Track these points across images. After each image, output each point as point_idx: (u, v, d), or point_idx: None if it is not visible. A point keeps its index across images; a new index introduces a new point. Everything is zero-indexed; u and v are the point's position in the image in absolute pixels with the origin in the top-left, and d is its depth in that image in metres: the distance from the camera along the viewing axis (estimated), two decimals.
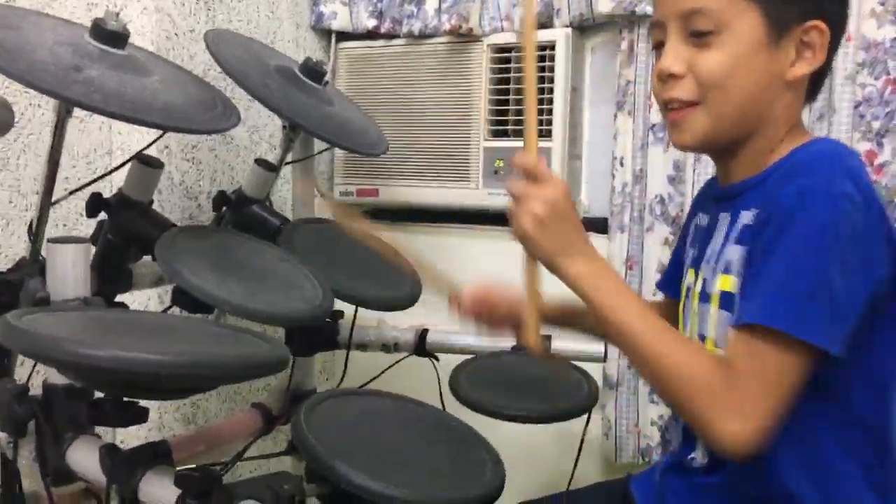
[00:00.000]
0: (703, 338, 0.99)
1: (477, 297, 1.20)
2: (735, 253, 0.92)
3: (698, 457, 1.00)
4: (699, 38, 0.92)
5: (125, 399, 1.01)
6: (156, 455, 0.96)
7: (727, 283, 0.93)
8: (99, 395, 1.08)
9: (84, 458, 1.05)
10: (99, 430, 1.16)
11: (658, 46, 0.98)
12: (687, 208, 1.70)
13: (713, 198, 1.06)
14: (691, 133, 0.96)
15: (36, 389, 1.13)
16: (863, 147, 1.55)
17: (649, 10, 1.69)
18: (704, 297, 0.98)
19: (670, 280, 1.19)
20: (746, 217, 0.92)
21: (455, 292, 1.20)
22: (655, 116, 1.74)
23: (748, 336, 0.83)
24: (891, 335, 0.90)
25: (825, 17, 0.92)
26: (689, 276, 1.05)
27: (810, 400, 0.86)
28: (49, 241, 1.15)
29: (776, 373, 0.82)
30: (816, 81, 0.98)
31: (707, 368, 0.85)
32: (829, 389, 0.88)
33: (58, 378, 1.08)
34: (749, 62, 0.91)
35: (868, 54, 1.53)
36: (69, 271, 1.11)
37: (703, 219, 1.07)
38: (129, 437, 1.61)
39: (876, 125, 1.54)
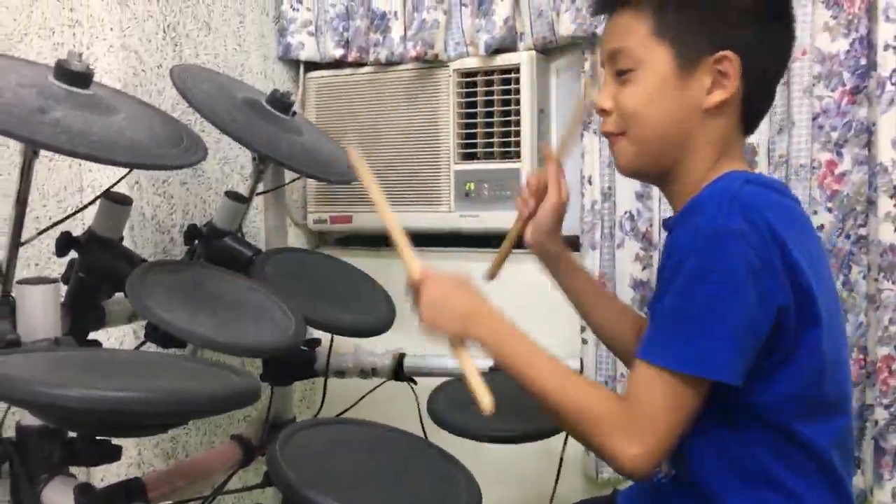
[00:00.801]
0: None
1: (538, 185, 1.24)
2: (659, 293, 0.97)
3: (663, 469, 1.02)
4: (622, 75, 1.00)
5: (98, 437, 1.01)
6: (129, 493, 0.97)
7: None
8: (73, 434, 1.08)
9: (59, 498, 1.04)
10: (79, 469, 1.16)
11: None
12: (656, 224, 1.73)
13: (664, 228, 1.09)
14: (624, 160, 1.04)
15: (11, 431, 1.13)
16: (823, 157, 1.58)
17: None
18: None
19: None
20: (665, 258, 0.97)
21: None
22: None
23: (642, 369, 0.91)
24: (812, 360, 0.92)
25: (735, 48, 0.95)
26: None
27: (751, 427, 0.92)
28: (18, 282, 1.15)
29: (665, 401, 0.89)
30: (750, 114, 1.01)
31: (604, 400, 0.93)
32: (762, 415, 0.92)
33: (31, 419, 1.08)
34: (662, 94, 0.97)
35: (823, 67, 1.57)
36: (39, 312, 1.11)
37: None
38: (110, 475, 1.60)
39: (834, 135, 1.57)
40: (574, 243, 1.88)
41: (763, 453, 0.93)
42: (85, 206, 1.39)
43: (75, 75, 1.19)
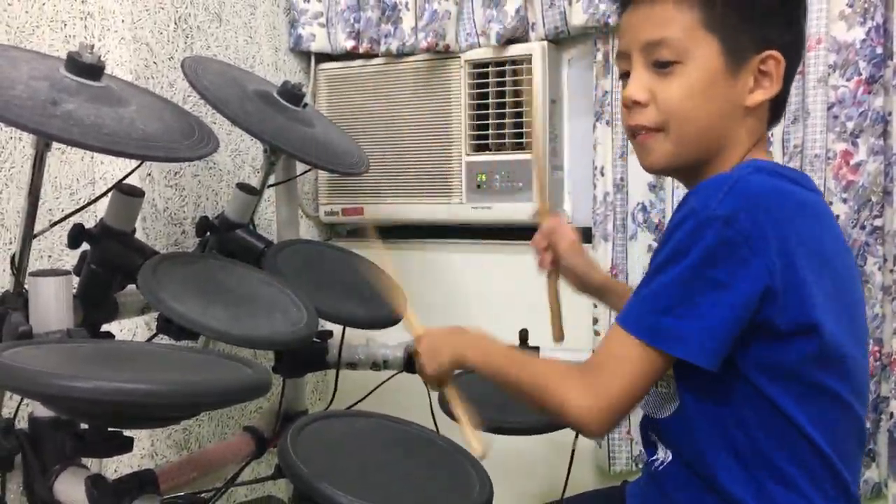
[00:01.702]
0: None
1: (550, 228, 1.29)
2: None
3: (661, 456, 1.02)
4: (661, 67, 0.96)
5: (110, 429, 1.01)
6: (141, 484, 0.96)
7: None
8: (85, 426, 1.09)
9: (71, 489, 1.05)
10: (91, 460, 1.17)
11: (624, 76, 1.02)
12: (668, 215, 1.72)
13: None
14: (657, 156, 1.00)
15: (24, 423, 1.14)
16: (838, 147, 1.56)
17: None
18: None
19: None
20: None
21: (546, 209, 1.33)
22: None
23: (616, 333, 0.93)
24: (810, 348, 0.91)
25: (779, 47, 0.95)
26: None
27: (750, 408, 0.92)
28: (31, 274, 1.15)
29: (632, 367, 0.91)
30: (776, 107, 1.01)
31: (563, 365, 0.98)
32: (766, 403, 0.91)
33: (44, 411, 1.09)
34: (709, 91, 0.95)
35: (839, 56, 1.55)
36: (51, 304, 1.12)
37: None
38: (123, 466, 1.61)
39: (850, 125, 1.56)
40: (586, 235, 1.87)
41: (762, 438, 0.92)
42: (97, 198, 1.40)
43: (87, 67, 1.19)
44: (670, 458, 1.00)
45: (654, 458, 1.03)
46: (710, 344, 0.88)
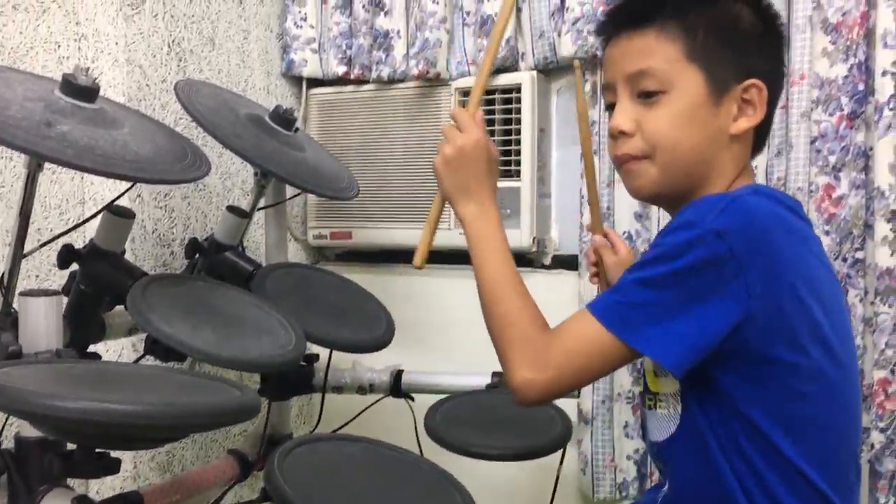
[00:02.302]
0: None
1: (599, 244, 1.31)
2: None
3: (665, 488, 1.03)
4: (646, 97, 0.98)
5: (97, 450, 1.01)
6: None
7: None
8: (71, 446, 1.08)
9: None
10: (74, 481, 1.16)
11: (610, 107, 1.04)
12: None
13: None
14: (643, 182, 1.01)
15: (10, 442, 1.13)
16: (821, 181, 1.59)
17: None
18: None
19: None
20: None
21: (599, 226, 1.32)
22: None
23: (583, 315, 0.94)
24: (793, 381, 0.92)
25: (761, 76, 0.97)
26: None
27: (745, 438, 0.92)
28: (21, 294, 1.15)
29: (588, 348, 0.92)
30: (760, 136, 1.03)
31: (530, 321, 0.96)
32: (760, 431, 0.92)
33: (30, 431, 1.08)
34: (693, 119, 0.97)
35: (822, 91, 1.58)
36: (41, 324, 1.12)
37: None
38: (105, 488, 1.60)
39: (832, 160, 1.59)
40: (573, 263, 1.89)
41: (761, 469, 0.92)
42: (88, 219, 1.40)
43: (82, 89, 1.20)
44: (666, 487, 1.01)
45: (663, 488, 1.04)
46: (676, 347, 0.89)
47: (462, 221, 1.06)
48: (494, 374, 1.60)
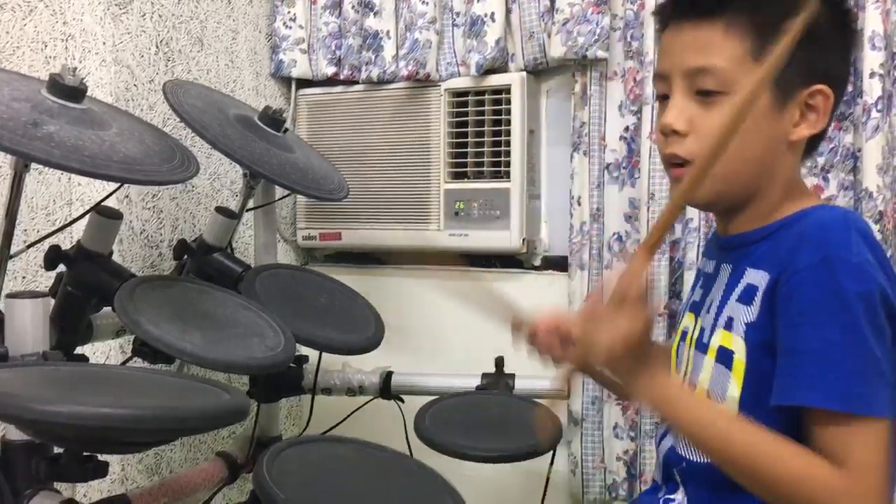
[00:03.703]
0: (693, 385, 0.97)
1: (549, 327, 1.10)
2: (739, 312, 0.92)
3: (679, 498, 0.99)
4: (705, 96, 0.91)
5: (84, 453, 1.00)
6: None
7: (727, 340, 0.92)
8: (59, 450, 1.08)
9: None
10: (61, 485, 1.15)
11: (662, 98, 0.97)
12: None
13: (719, 246, 1.04)
14: (700, 190, 0.90)
15: None
16: (810, 182, 1.60)
17: (600, 54, 1.75)
18: (701, 346, 0.98)
19: None
20: (754, 277, 0.91)
21: (519, 320, 1.13)
22: (610, 156, 1.78)
23: (838, 421, 0.82)
24: None
25: (829, 81, 0.91)
26: (687, 319, 1.05)
27: None
28: (7, 296, 1.14)
29: (879, 451, 0.81)
30: (815, 140, 0.96)
31: (817, 465, 0.82)
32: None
33: (16, 434, 1.08)
34: (755, 125, 0.88)
35: None
36: (28, 326, 1.11)
37: (708, 265, 1.05)
38: (92, 492, 1.59)
39: (821, 161, 1.59)
40: (563, 264, 1.89)
41: None
42: (75, 220, 1.39)
43: (69, 90, 1.19)
44: (680, 498, 0.98)
45: (671, 497, 0.99)
46: (885, 394, 0.82)
47: (653, 403, 0.91)
48: (484, 375, 1.60)
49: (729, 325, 0.93)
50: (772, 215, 0.94)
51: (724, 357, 0.92)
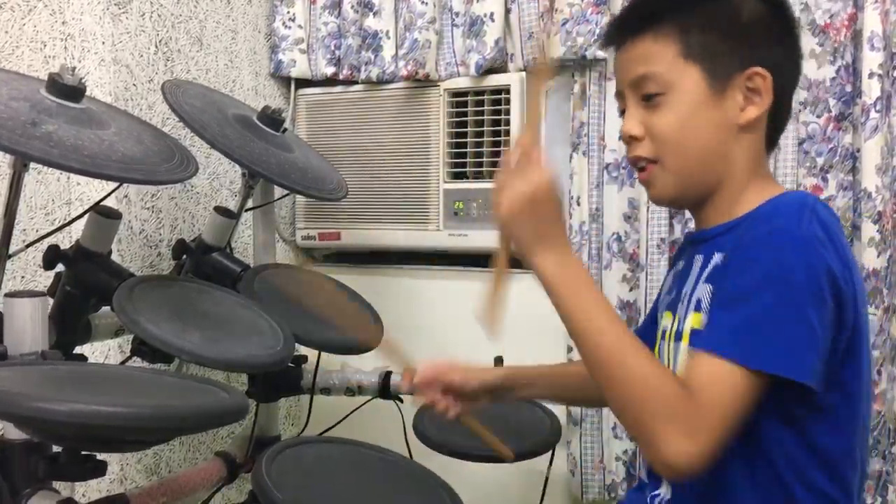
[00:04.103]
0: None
1: (428, 377, 1.19)
2: (704, 292, 0.96)
3: (663, 492, 1.01)
4: (650, 100, 0.99)
5: (83, 452, 1.00)
6: None
7: (697, 320, 0.95)
8: (57, 448, 1.08)
9: None
10: (60, 484, 1.15)
11: (622, 113, 1.05)
12: (643, 245, 1.74)
13: (689, 242, 1.09)
14: (660, 188, 1.01)
15: None
16: (808, 182, 1.60)
17: (599, 54, 1.75)
18: (678, 335, 1.01)
19: (645, 330, 1.20)
20: (718, 258, 0.95)
21: (409, 367, 1.21)
22: (609, 156, 1.78)
23: (707, 361, 0.86)
24: (854, 382, 0.92)
25: (765, 63, 0.96)
26: (665, 319, 1.07)
27: (780, 440, 0.90)
28: (6, 295, 1.14)
29: (733, 397, 0.84)
30: (776, 125, 1.01)
31: (671, 388, 0.85)
32: (798, 429, 0.90)
33: (15, 433, 1.08)
34: (697, 117, 0.97)
35: (809, 93, 1.59)
36: (27, 325, 1.11)
37: (679, 264, 1.09)
38: (91, 491, 1.59)
39: (820, 161, 1.59)
40: None
41: (790, 480, 0.90)
42: (74, 219, 1.39)
43: (68, 89, 1.19)
44: (669, 496, 0.99)
45: (656, 492, 1.02)
46: (819, 368, 0.86)
47: (541, 275, 0.92)
48: None
49: (698, 307, 0.96)
50: (739, 202, 0.98)
51: (696, 338, 0.94)
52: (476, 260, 1.99)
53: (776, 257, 0.86)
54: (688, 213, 1.68)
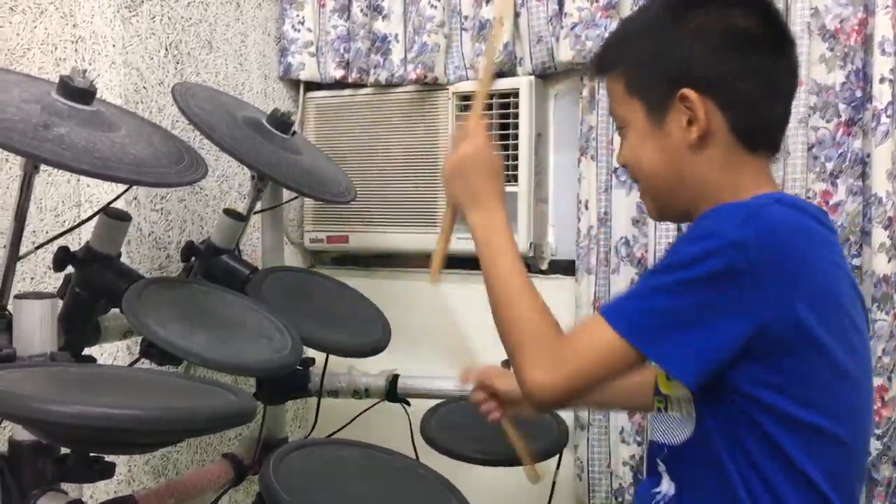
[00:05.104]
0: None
1: (481, 380, 1.31)
2: None
3: (664, 489, 1.02)
4: (620, 133, 1.07)
5: (91, 454, 1.01)
6: None
7: None
8: (65, 450, 1.08)
9: None
10: (68, 485, 1.15)
11: None
12: (651, 250, 1.74)
13: None
14: (648, 210, 1.09)
15: (1, 445, 1.12)
16: (818, 188, 1.59)
17: None
18: None
19: None
20: None
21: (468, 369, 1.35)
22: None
23: (595, 319, 0.94)
24: (817, 379, 0.92)
25: (692, 82, 0.97)
26: None
27: (757, 453, 0.91)
28: (16, 297, 1.15)
29: (599, 352, 0.92)
30: (749, 134, 0.99)
31: (542, 324, 0.97)
32: (768, 434, 0.91)
33: (23, 434, 1.08)
34: (643, 146, 1.02)
35: (819, 98, 1.59)
36: (36, 327, 1.11)
37: None
38: (99, 492, 1.59)
39: (829, 166, 1.59)
40: (570, 268, 1.89)
41: (773, 478, 0.91)
42: (84, 221, 1.39)
43: (79, 92, 1.19)
44: (673, 492, 1.00)
45: (657, 489, 1.03)
46: (690, 359, 0.89)
47: (470, 228, 1.07)
48: None
49: None
50: None
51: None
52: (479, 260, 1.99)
53: (689, 253, 0.89)
54: None
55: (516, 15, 1.87)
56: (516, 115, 1.87)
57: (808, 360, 0.91)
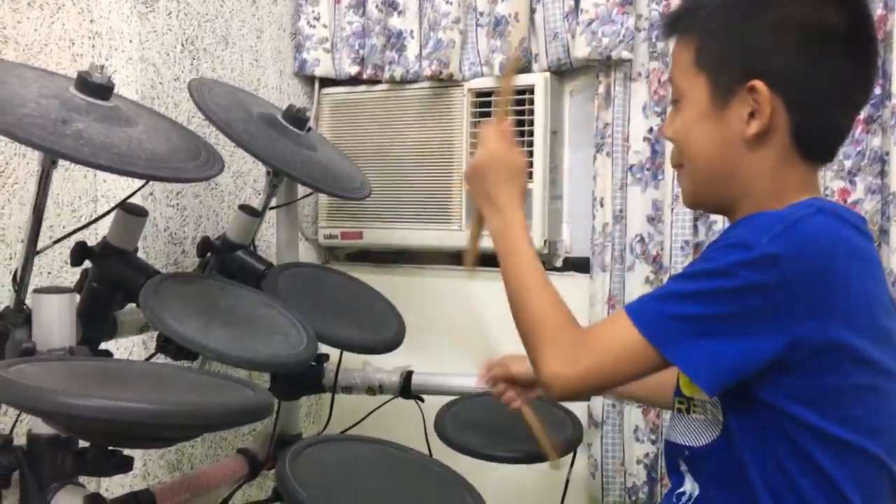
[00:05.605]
0: None
1: (498, 370, 1.32)
2: None
3: (688, 488, 1.01)
4: (674, 104, 1.02)
5: (109, 448, 1.01)
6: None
7: None
8: (84, 444, 1.08)
9: None
10: (84, 479, 1.16)
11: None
12: (667, 247, 1.73)
13: None
14: (684, 193, 1.04)
15: (20, 439, 1.13)
16: (836, 185, 1.58)
17: (624, 54, 1.74)
18: None
19: None
20: None
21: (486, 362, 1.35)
22: (633, 158, 1.78)
23: (620, 316, 0.93)
24: (851, 399, 0.90)
25: (767, 76, 0.92)
26: None
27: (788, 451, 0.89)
28: (34, 291, 1.15)
29: (622, 350, 0.91)
30: (807, 140, 0.95)
31: (562, 319, 0.97)
32: (797, 443, 0.89)
33: (42, 428, 1.08)
34: (699, 126, 0.97)
35: None
36: (55, 321, 1.12)
37: None
38: (114, 486, 1.60)
39: (848, 164, 1.58)
40: (584, 265, 1.88)
41: (804, 487, 0.90)
42: (101, 216, 1.40)
43: (97, 87, 1.20)
44: (698, 492, 0.99)
45: (681, 490, 1.01)
46: (713, 369, 0.87)
47: (489, 228, 1.08)
48: None
49: None
50: None
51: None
52: (497, 260, 1.99)
53: (723, 261, 0.87)
54: (712, 216, 1.68)
55: (532, 11, 1.87)
56: (531, 112, 1.87)
57: (840, 374, 0.88)
